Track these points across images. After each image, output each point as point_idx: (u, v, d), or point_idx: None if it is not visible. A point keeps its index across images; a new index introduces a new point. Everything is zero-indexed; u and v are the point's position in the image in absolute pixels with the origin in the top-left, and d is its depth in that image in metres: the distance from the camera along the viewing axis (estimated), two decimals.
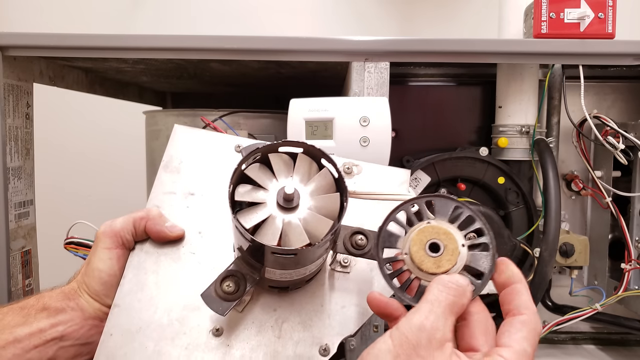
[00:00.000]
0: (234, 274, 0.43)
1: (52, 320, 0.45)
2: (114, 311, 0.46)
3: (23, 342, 0.44)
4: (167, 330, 0.45)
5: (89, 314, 0.47)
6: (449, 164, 0.74)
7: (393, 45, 0.64)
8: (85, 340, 0.46)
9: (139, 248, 0.48)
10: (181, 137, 0.53)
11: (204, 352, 0.45)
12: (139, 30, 1.40)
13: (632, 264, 0.70)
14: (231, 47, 0.64)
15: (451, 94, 0.82)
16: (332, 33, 1.19)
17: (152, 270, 0.48)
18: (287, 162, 0.42)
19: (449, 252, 0.39)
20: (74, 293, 0.47)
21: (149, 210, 0.49)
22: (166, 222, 0.48)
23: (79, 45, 0.64)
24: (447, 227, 0.40)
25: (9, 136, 0.65)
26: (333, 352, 0.46)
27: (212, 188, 0.51)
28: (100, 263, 0.47)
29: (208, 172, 0.52)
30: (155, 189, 0.51)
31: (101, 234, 0.48)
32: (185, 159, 0.52)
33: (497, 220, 0.70)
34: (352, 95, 0.65)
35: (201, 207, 0.50)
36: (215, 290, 0.43)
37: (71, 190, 1.42)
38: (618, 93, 0.81)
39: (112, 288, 0.47)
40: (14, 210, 0.66)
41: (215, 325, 0.45)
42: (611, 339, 0.83)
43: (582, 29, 0.66)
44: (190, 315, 0.46)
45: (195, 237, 0.49)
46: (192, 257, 0.48)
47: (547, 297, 0.77)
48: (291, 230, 0.39)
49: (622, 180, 0.75)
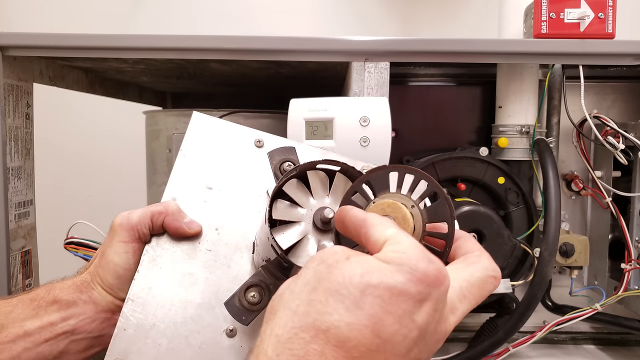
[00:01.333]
0: (259, 284, 0.43)
1: (63, 313, 0.45)
2: (127, 306, 0.45)
3: (34, 336, 0.43)
4: (180, 328, 0.45)
5: (102, 307, 0.46)
6: (449, 164, 0.74)
7: (393, 45, 0.64)
8: (97, 334, 0.46)
9: (155, 242, 0.47)
10: (200, 126, 0.52)
11: (218, 352, 0.44)
12: (139, 30, 1.40)
13: (632, 264, 0.70)
14: (231, 47, 0.64)
15: (451, 94, 0.82)
16: (332, 33, 1.19)
17: (167, 266, 0.47)
18: (323, 181, 0.42)
19: (400, 221, 0.36)
20: (87, 285, 0.46)
21: (168, 205, 0.47)
22: (184, 218, 0.47)
23: (79, 45, 0.64)
24: (390, 198, 0.37)
25: (9, 136, 0.65)
26: None
27: (230, 183, 0.50)
28: (116, 256, 0.46)
29: (227, 165, 0.51)
30: (172, 179, 0.50)
31: (118, 226, 0.47)
32: (204, 149, 0.51)
33: (497, 220, 0.70)
34: (352, 95, 0.65)
35: (219, 203, 0.49)
36: (239, 299, 0.42)
37: (71, 191, 1.42)
38: (618, 93, 0.81)
39: (127, 282, 0.46)
40: (14, 210, 0.66)
41: (229, 325, 0.45)
42: (611, 339, 0.83)
43: (582, 29, 0.66)
44: (205, 315, 0.45)
45: (212, 234, 0.48)
46: (208, 255, 0.47)
47: (547, 297, 0.77)
48: None
49: (622, 180, 0.75)
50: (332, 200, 0.42)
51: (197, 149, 0.51)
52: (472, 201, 0.72)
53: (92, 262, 0.48)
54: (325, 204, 0.42)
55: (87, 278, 0.47)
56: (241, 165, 0.51)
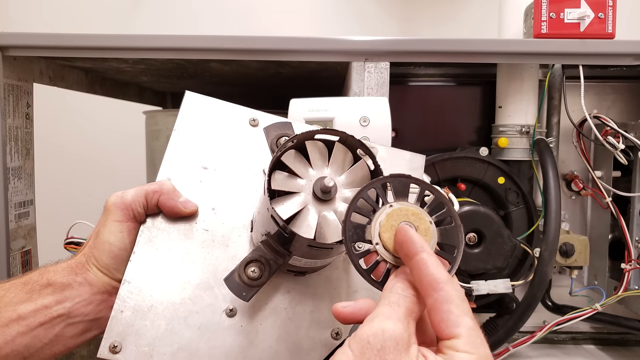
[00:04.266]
0: (258, 259, 0.42)
1: (57, 296, 0.44)
2: (124, 288, 0.44)
3: (28, 320, 0.43)
4: (179, 309, 0.44)
5: (98, 288, 0.45)
6: (449, 164, 0.74)
7: (393, 45, 0.64)
8: (94, 316, 0.45)
9: (150, 222, 0.47)
10: (193, 106, 0.51)
11: (218, 333, 0.44)
12: (139, 30, 1.40)
13: (632, 264, 0.70)
14: (231, 47, 0.64)
15: (451, 94, 0.82)
16: (332, 33, 1.19)
17: (163, 246, 0.46)
18: (322, 151, 0.41)
19: (422, 232, 0.36)
20: (82, 267, 0.45)
21: (162, 184, 0.47)
22: (180, 198, 0.46)
23: (79, 45, 0.64)
24: (413, 207, 0.37)
25: (9, 136, 0.65)
26: (345, 336, 0.45)
27: (225, 162, 0.49)
28: (111, 236, 0.45)
29: (222, 145, 0.50)
30: (167, 159, 0.49)
31: (112, 205, 0.46)
32: (198, 129, 0.50)
33: (497, 220, 0.70)
34: (352, 95, 0.65)
35: (215, 182, 0.49)
36: (239, 274, 0.42)
37: (71, 190, 1.42)
38: (618, 93, 0.81)
39: (123, 262, 0.45)
40: (14, 210, 0.66)
41: (229, 305, 0.45)
42: (611, 339, 0.83)
43: (582, 29, 0.66)
44: (203, 295, 0.45)
45: (208, 214, 0.47)
46: (205, 234, 0.47)
47: (547, 297, 0.77)
48: (327, 225, 0.39)
49: (622, 180, 0.75)
50: (331, 170, 0.41)
51: (191, 129, 0.50)
52: (472, 201, 0.72)
53: (87, 243, 0.47)
54: (325, 174, 0.41)
55: (81, 259, 0.46)
56: (236, 145, 0.50)
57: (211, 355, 0.44)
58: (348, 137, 0.41)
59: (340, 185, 0.40)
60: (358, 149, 0.42)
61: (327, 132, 0.41)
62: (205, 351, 0.44)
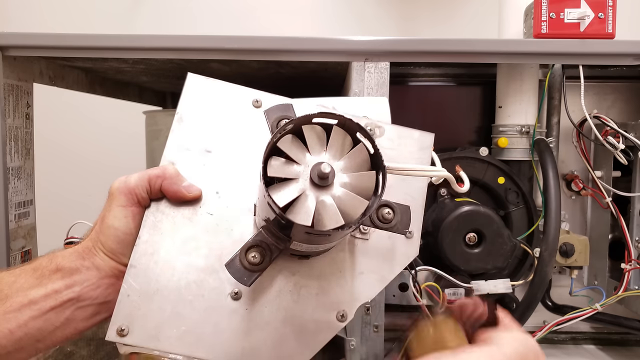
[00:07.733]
0: (259, 244, 0.42)
1: (67, 281, 0.45)
2: (130, 272, 0.45)
3: (39, 304, 0.43)
4: (184, 293, 0.44)
5: (105, 272, 0.46)
6: (449, 164, 0.74)
7: (393, 45, 0.64)
8: (102, 300, 0.46)
9: (154, 207, 0.47)
10: (196, 88, 0.51)
11: (223, 316, 0.44)
12: (139, 30, 1.40)
13: (632, 264, 0.70)
14: (231, 47, 0.64)
15: (451, 94, 0.82)
16: (332, 33, 1.19)
17: (168, 231, 0.46)
18: (320, 136, 0.41)
19: None
20: (89, 252, 0.46)
21: (165, 169, 0.47)
22: (183, 182, 0.46)
23: (79, 45, 0.64)
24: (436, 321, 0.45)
25: (9, 136, 0.65)
26: (350, 317, 0.45)
27: (229, 145, 0.49)
28: (116, 221, 0.46)
29: (225, 127, 0.49)
30: (169, 143, 0.49)
31: (115, 190, 0.46)
32: (200, 112, 0.50)
33: (497, 220, 0.70)
34: (352, 95, 0.65)
35: (218, 166, 0.48)
36: (240, 260, 0.42)
37: (71, 190, 1.42)
38: (618, 93, 0.81)
39: (129, 246, 0.45)
40: (14, 210, 0.66)
41: (234, 288, 0.45)
42: (611, 339, 0.83)
43: (582, 29, 0.66)
44: (209, 279, 0.45)
45: (212, 198, 0.47)
46: (210, 218, 0.47)
47: (547, 297, 0.77)
48: (325, 210, 0.38)
49: (622, 180, 0.75)
50: (329, 155, 0.40)
51: (194, 112, 0.50)
52: (472, 201, 0.72)
53: (93, 228, 0.48)
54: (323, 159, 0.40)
55: (88, 244, 0.47)
56: (240, 127, 0.49)
57: (217, 338, 0.44)
58: (347, 121, 0.40)
59: (339, 170, 0.40)
60: (357, 132, 0.41)
61: (325, 116, 0.40)
62: (211, 334, 0.44)
